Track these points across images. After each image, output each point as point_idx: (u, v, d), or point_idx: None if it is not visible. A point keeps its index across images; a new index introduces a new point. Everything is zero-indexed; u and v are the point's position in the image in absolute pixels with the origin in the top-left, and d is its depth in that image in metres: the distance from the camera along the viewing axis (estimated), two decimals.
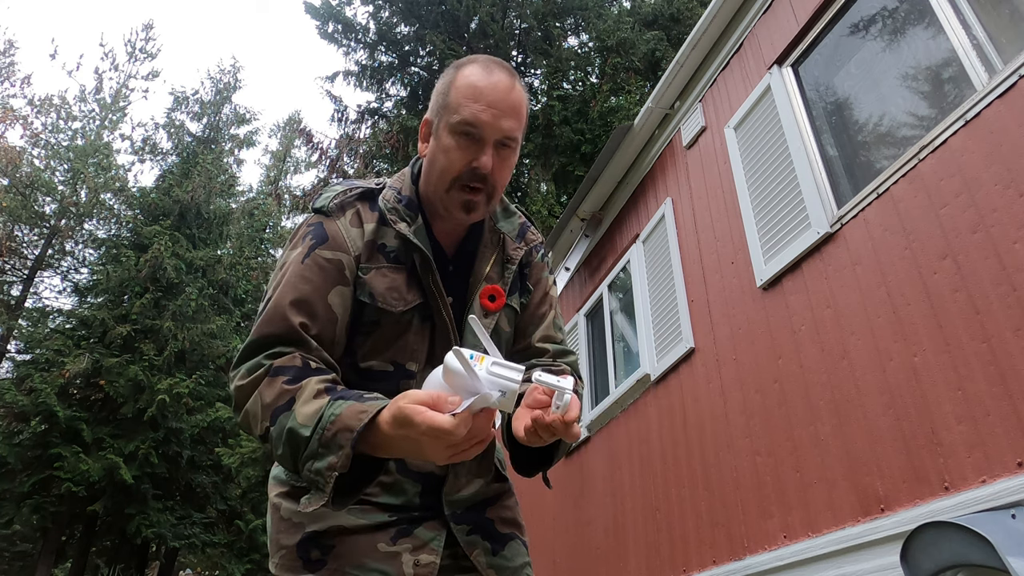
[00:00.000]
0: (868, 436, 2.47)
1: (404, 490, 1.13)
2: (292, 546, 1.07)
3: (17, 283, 18.69)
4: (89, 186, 19.03)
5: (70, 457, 13.87)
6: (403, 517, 1.12)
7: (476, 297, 1.19)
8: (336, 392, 0.94)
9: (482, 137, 1.08)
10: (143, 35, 22.57)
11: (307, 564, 1.05)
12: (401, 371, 1.13)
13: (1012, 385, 1.99)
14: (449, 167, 1.09)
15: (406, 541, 1.09)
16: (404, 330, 1.12)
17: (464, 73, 1.11)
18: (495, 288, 1.20)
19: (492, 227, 1.25)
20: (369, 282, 1.11)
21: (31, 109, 19.90)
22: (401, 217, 1.14)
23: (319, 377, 0.96)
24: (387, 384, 1.11)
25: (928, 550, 1.95)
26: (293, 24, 71.54)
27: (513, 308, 1.25)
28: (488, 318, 1.18)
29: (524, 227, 1.30)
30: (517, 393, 0.88)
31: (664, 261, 4.32)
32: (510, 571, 1.20)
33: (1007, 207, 2.12)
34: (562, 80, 12.50)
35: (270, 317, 1.03)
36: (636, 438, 4.24)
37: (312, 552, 1.06)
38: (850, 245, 2.78)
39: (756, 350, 3.23)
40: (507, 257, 1.24)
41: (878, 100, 3.03)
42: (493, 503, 1.25)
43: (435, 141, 1.13)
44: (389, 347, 1.12)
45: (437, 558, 1.10)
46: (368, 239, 1.13)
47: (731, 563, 3.06)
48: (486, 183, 1.10)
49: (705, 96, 4.30)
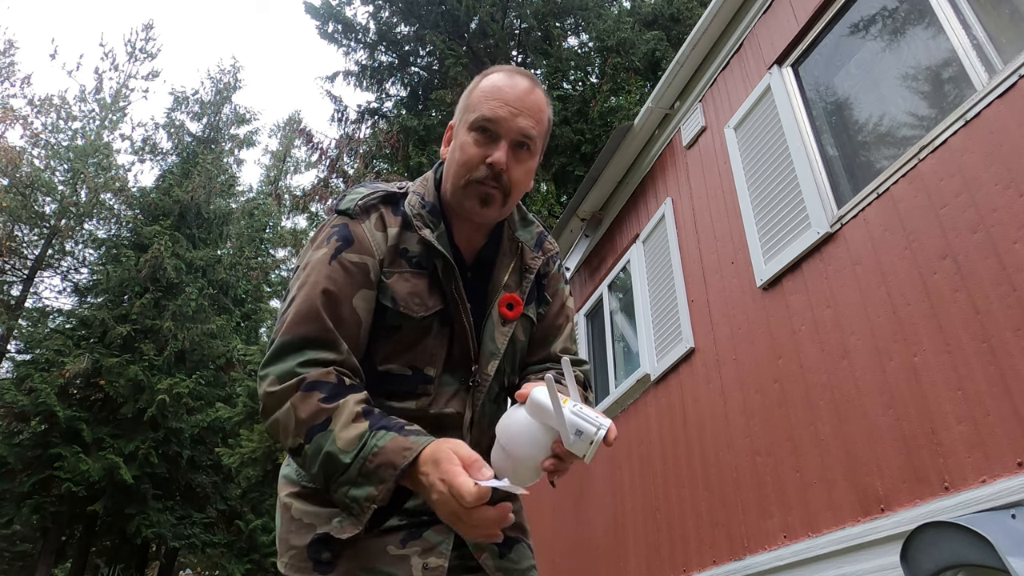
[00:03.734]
0: (868, 436, 2.47)
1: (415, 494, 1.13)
2: (303, 547, 1.07)
3: (17, 283, 18.69)
4: (89, 186, 19.03)
5: (70, 457, 13.87)
6: (412, 520, 1.12)
7: (495, 305, 1.19)
8: (375, 418, 0.94)
9: (498, 133, 1.09)
10: (143, 35, 22.57)
11: (317, 565, 1.05)
12: (419, 375, 1.13)
13: (1012, 385, 1.99)
14: (465, 162, 1.10)
15: (415, 544, 1.09)
16: (424, 335, 1.13)
17: (489, 78, 1.14)
18: (513, 297, 1.20)
19: (511, 236, 1.25)
20: (392, 286, 1.11)
21: (31, 109, 19.90)
22: (425, 223, 1.14)
23: (356, 397, 0.97)
24: (405, 387, 1.12)
25: (928, 550, 1.95)
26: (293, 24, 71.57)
27: (529, 318, 1.25)
28: (506, 327, 1.19)
29: (542, 236, 1.30)
30: (595, 441, 0.92)
31: (664, 261, 4.32)
32: (517, 573, 1.20)
33: (1007, 207, 2.12)
34: (562, 80, 12.50)
35: (302, 317, 1.02)
36: (636, 438, 4.24)
37: (323, 554, 1.05)
38: (850, 245, 2.78)
39: (756, 350, 3.23)
40: (525, 266, 1.25)
41: (878, 100, 3.03)
42: None
43: (455, 141, 1.15)
44: (408, 351, 1.12)
45: (445, 561, 1.09)
46: (392, 243, 1.13)
47: (731, 563, 3.06)
48: (500, 180, 1.10)
49: (705, 96, 4.30)
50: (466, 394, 1.16)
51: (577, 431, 0.93)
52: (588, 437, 0.93)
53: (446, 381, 1.15)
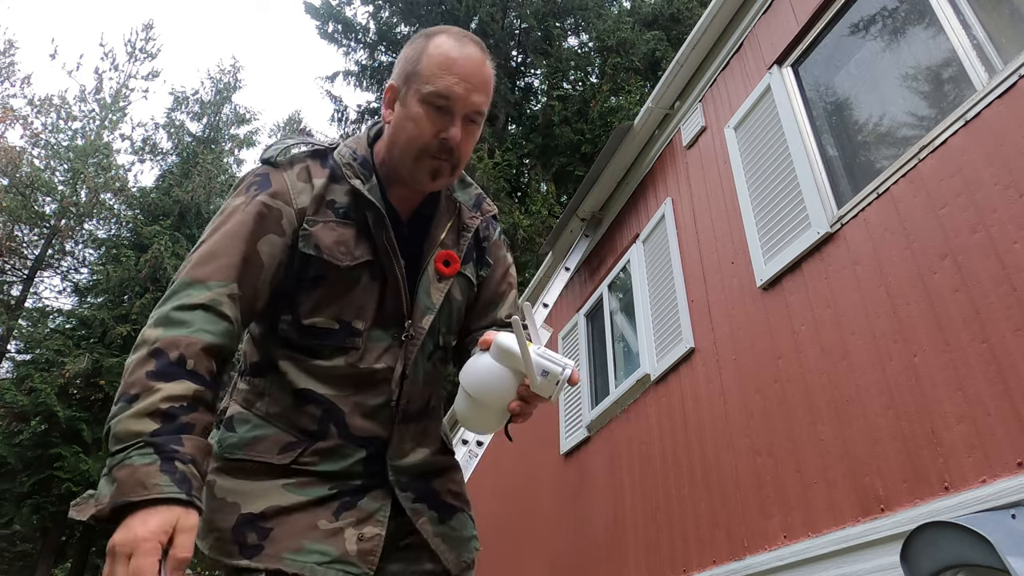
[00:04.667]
0: (868, 436, 2.47)
1: (345, 455, 1.09)
2: (227, 529, 1.01)
3: (17, 283, 18.69)
4: (89, 186, 19.02)
5: (70, 457, 13.87)
6: (345, 488, 1.08)
7: (430, 261, 1.18)
8: (170, 426, 0.86)
9: (452, 110, 1.09)
10: (143, 35, 22.56)
11: (243, 549, 0.99)
12: (347, 328, 1.10)
13: (1012, 385, 1.99)
14: (418, 136, 1.09)
15: (349, 515, 1.06)
16: (351, 287, 1.11)
17: (436, 43, 1.11)
18: (450, 254, 1.20)
19: (448, 196, 1.25)
20: (315, 234, 1.09)
21: (31, 109, 19.90)
22: (356, 174, 1.13)
23: (178, 389, 0.88)
24: (332, 342, 1.10)
25: (928, 550, 1.95)
26: (293, 24, 71.60)
27: (467, 278, 1.24)
28: (442, 283, 1.18)
29: (480, 198, 1.31)
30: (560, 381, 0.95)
31: (664, 261, 4.32)
32: (457, 541, 1.18)
33: (1007, 207, 2.12)
34: (562, 80, 12.50)
35: (201, 259, 1.01)
36: (636, 438, 4.24)
37: (248, 536, 1.00)
38: (850, 245, 2.78)
39: (756, 350, 3.23)
40: (463, 225, 1.24)
41: (878, 100, 3.03)
42: (439, 475, 1.22)
43: (402, 108, 1.12)
44: (335, 303, 1.10)
45: (383, 530, 1.06)
46: (317, 194, 1.12)
47: (731, 563, 3.06)
48: (452, 155, 1.11)
49: (705, 96, 4.30)
50: (399, 349, 1.14)
51: (543, 371, 0.95)
52: (554, 377, 0.95)
53: (377, 336, 1.12)
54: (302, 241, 1.09)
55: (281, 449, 1.07)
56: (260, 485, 1.04)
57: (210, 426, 0.93)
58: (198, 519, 0.84)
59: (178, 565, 0.80)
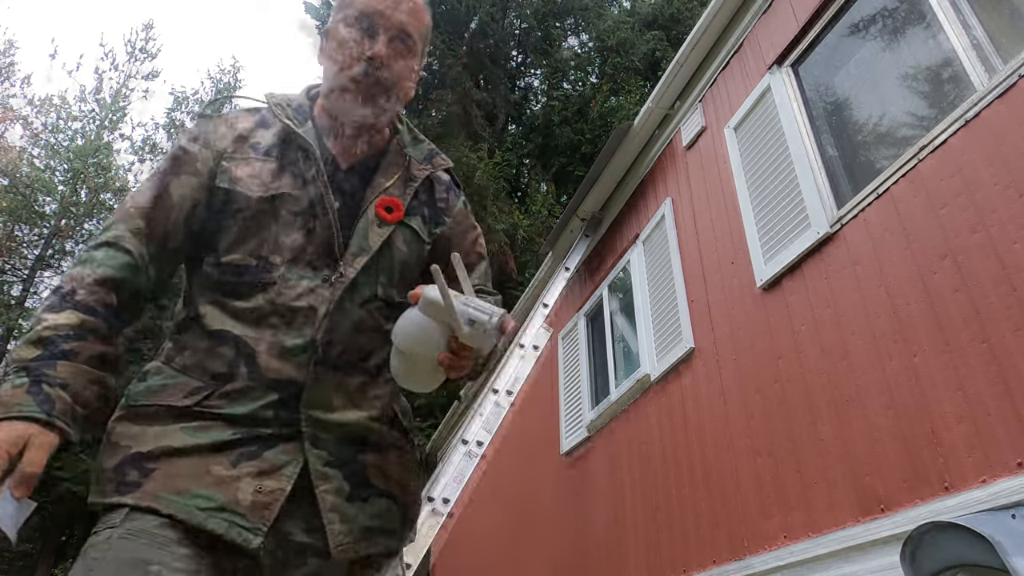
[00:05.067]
0: (868, 436, 2.47)
1: (254, 398, 1.00)
2: (111, 468, 0.96)
3: (17, 283, 18.69)
4: (89, 186, 19.03)
5: (70, 457, 13.87)
6: (249, 435, 0.98)
7: (371, 206, 1.14)
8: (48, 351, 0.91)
9: (376, 27, 1.10)
10: (143, 35, 22.54)
11: (120, 486, 0.93)
12: (264, 264, 1.06)
13: (1012, 385, 1.99)
14: (343, 59, 1.10)
15: (251, 464, 0.96)
16: (266, 221, 1.08)
17: None
18: (393, 200, 1.16)
19: (399, 150, 1.23)
20: (231, 169, 1.11)
21: (31, 109, 19.91)
22: (288, 116, 1.14)
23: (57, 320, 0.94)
24: (248, 278, 1.06)
25: (928, 550, 1.95)
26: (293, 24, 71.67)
27: (414, 230, 1.19)
28: (382, 228, 1.14)
29: (433, 152, 1.30)
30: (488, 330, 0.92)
31: (664, 261, 4.32)
32: (362, 528, 1.02)
33: (1007, 207, 2.12)
34: (562, 80, 12.51)
35: (119, 206, 1.09)
36: (636, 438, 4.24)
37: (129, 474, 0.94)
38: (850, 245, 2.78)
39: (756, 350, 3.23)
40: (411, 176, 1.22)
41: (878, 100, 3.04)
42: (376, 449, 1.09)
43: (329, 44, 1.14)
44: (251, 238, 1.08)
45: (287, 485, 0.96)
46: (237, 135, 1.14)
47: (731, 563, 3.06)
48: (381, 75, 1.10)
49: (705, 96, 4.30)
50: (326, 291, 1.07)
51: (470, 320, 0.92)
52: (481, 326, 0.92)
53: (302, 274, 1.07)
54: (219, 178, 1.11)
55: (187, 394, 1.01)
56: (158, 428, 0.98)
57: (106, 356, 0.97)
58: (57, 439, 0.87)
59: (23, 479, 0.83)
